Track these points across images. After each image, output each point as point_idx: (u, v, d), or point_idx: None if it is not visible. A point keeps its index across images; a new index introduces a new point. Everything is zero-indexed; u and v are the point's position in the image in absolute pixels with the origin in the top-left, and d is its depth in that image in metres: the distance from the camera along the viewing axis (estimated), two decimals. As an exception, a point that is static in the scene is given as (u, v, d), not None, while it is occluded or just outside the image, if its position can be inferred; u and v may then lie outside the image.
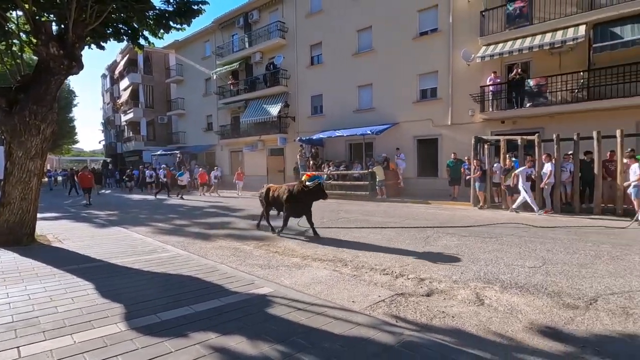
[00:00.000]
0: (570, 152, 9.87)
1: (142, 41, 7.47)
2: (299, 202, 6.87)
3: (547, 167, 9.69)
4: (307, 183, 6.62)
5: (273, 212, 8.07)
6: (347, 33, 17.90)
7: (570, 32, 11.28)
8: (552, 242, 6.16)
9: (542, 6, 12.30)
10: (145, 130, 31.72)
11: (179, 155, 25.61)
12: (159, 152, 28.50)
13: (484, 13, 13.37)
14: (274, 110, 20.45)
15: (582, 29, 11.09)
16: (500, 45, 12.74)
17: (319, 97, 19.61)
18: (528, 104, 12.40)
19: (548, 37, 11.71)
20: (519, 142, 10.64)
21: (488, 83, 13.31)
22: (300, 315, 3.02)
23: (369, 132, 15.58)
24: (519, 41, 12.37)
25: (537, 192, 10.02)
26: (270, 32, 21.13)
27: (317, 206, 7.43)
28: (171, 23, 7.07)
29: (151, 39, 7.51)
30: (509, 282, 4.10)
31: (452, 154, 13.35)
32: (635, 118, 10.95)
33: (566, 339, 2.79)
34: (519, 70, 12.68)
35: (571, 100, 11.73)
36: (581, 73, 11.61)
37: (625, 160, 8.87)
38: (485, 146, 11.66)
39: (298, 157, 18.22)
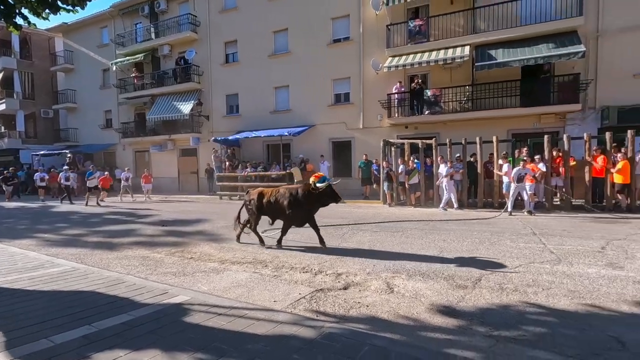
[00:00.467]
0: (459, 155, 11.42)
1: (19, 20, 6.33)
2: (303, 208, 5.87)
3: (442, 168, 11.05)
4: (318, 185, 5.67)
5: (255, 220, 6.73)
6: (263, 33, 17.79)
7: (458, 51, 13.05)
8: (447, 233, 7.07)
9: (437, 26, 13.99)
10: (23, 126, 26.67)
11: (69, 155, 22.16)
12: (42, 152, 24.27)
13: (389, 27, 14.62)
14: (186, 108, 19.23)
15: (467, 49, 12.93)
16: (404, 57, 14.09)
17: (235, 96, 19.09)
18: (426, 112, 13.96)
19: (442, 54, 13.36)
20: (420, 145, 11.93)
21: (394, 91, 14.61)
22: (221, 320, 2.94)
23: (286, 133, 15.73)
24: (419, 55, 13.84)
25: (434, 189, 11.37)
26: (181, 25, 19.81)
27: (236, 208, 7.24)
28: (60, 3, 6.14)
29: (32, 18, 6.41)
30: (414, 270, 4.59)
31: (364, 156, 14.29)
32: (507, 127, 13.17)
33: (459, 314, 3.25)
34: (419, 81, 14.20)
35: (460, 110, 13.59)
36: (467, 87, 13.53)
37: (500, 161, 10.63)
38: (392, 149, 12.77)
39: (212, 157, 17.45)
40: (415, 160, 11.92)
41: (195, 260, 5.47)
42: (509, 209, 9.65)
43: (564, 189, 10.15)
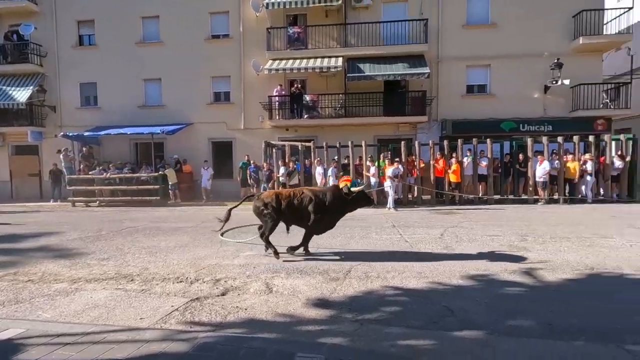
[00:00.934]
0: (335, 157, 12.39)
1: None
2: (330, 213, 5.38)
3: (319, 170, 11.80)
4: (352, 189, 5.33)
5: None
6: (129, 17, 15.77)
7: (333, 61, 14.14)
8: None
9: (314, 35, 14.85)
10: None
11: None
12: None
13: (269, 30, 14.82)
14: (22, 95, 15.57)
15: (340, 61, 14.12)
16: (284, 61, 14.49)
17: (93, 85, 16.41)
18: (306, 116, 14.68)
19: (318, 62, 14.25)
20: (300, 147, 12.47)
21: (274, 94, 14.87)
22: (69, 351, 2.49)
23: (159, 131, 14.29)
24: (298, 61, 14.44)
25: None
26: (13, -10, 15.95)
27: (93, 217, 6.23)
28: None
29: None
30: (292, 269, 4.77)
31: (246, 157, 14.11)
32: (374, 133, 14.89)
33: (331, 305, 3.53)
34: (299, 85, 14.82)
35: (335, 115, 14.74)
36: (340, 95, 14.78)
37: (368, 164, 11.96)
38: (274, 150, 12.99)
39: (62, 157, 14.58)
40: (296, 162, 12.41)
41: (35, 282, 4.48)
42: (391, 206, 10.86)
43: (417, 186, 12.09)
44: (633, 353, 2.38)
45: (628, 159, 11.59)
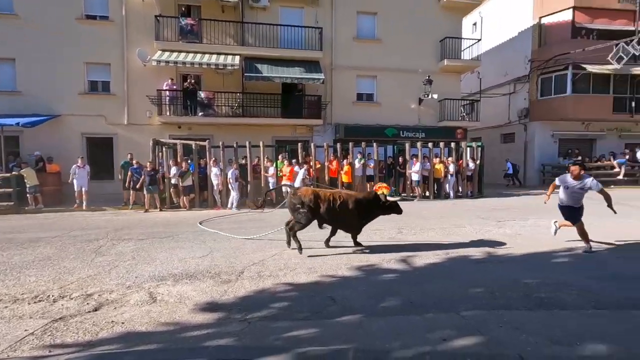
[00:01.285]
0: (232, 158, 12.09)
1: None
2: (364, 218, 5.75)
3: (215, 171, 11.36)
4: (389, 198, 5.69)
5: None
6: (-35, -22, 12.61)
7: (229, 59, 13.77)
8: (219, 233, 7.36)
9: (210, 30, 14.22)
10: None
11: None
12: None
13: (158, 18, 13.63)
14: None
15: (237, 59, 13.85)
16: (175, 54, 13.50)
17: None
18: (200, 113, 13.95)
19: (214, 59, 13.69)
20: (193, 146, 11.79)
21: (165, 88, 13.74)
22: None
23: (12, 123, 11.78)
24: (191, 55, 13.62)
25: (209, 190, 11.55)
26: None
27: None
28: None
29: None
30: (181, 275, 4.54)
31: (129, 155, 12.68)
32: (272, 133, 15.02)
33: (221, 308, 3.49)
34: (192, 81, 13.99)
35: (232, 114, 14.39)
36: (238, 94, 14.49)
37: (266, 164, 12.01)
38: (164, 149, 12.00)
39: None
40: (190, 162, 11.69)
41: None
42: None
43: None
44: (465, 317, 3.00)
45: (478, 162, 14.24)
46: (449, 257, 5.25)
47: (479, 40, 17.41)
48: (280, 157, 12.89)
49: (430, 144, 13.60)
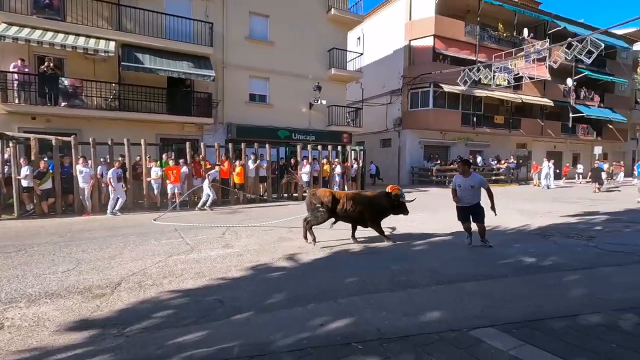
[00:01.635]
0: (106, 157, 10.68)
1: None
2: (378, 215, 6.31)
3: (84, 170, 9.91)
4: (401, 198, 6.28)
5: None
6: None
7: (102, 44, 12.11)
8: (88, 241, 6.49)
9: (76, 8, 12.25)
10: None
11: None
12: None
13: (2, -17, 11.13)
14: None
15: (112, 45, 12.28)
16: (28, 30, 11.23)
17: None
18: (63, 103, 11.92)
19: (82, 41, 11.85)
20: (54, 142, 10.02)
21: (12, 70, 11.30)
22: None
23: None
24: (50, 34, 11.52)
25: (75, 193, 9.98)
26: None
27: None
28: None
29: None
30: (39, 294, 3.91)
31: (-42, 151, 10.04)
32: (156, 131, 13.80)
33: (92, 325, 3.17)
34: (52, 64, 11.84)
35: (106, 107, 12.69)
36: (114, 84, 12.87)
37: (149, 165, 11.01)
38: (11, 144, 9.85)
39: None
40: (49, 160, 9.90)
41: None
42: (203, 206, 10.92)
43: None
44: (340, 304, 3.43)
45: (361, 164, 15.79)
46: (332, 252, 5.78)
47: (362, 54, 19.26)
48: (164, 156, 11.96)
49: (319, 147, 14.47)
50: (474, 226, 5.95)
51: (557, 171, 21.91)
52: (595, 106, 27.28)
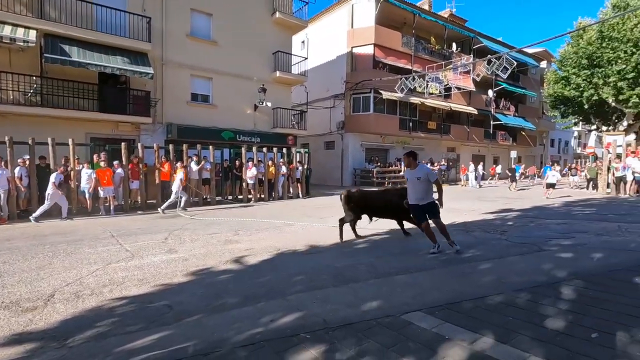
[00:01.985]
0: (26, 157, 9.66)
1: None
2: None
3: (3, 174, 8.89)
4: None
5: None
6: None
7: (20, 32, 10.92)
8: (9, 252, 5.90)
9: (-14, -11, 10.89)
10: None
11: None
12: None
13: None
14: None
15: (33, 34, 11.13)
16: None
17: None
18: (-29, 97, 10.51)
19: (-5, 28, 10.58)
20: (-40, 141, 8.82)
21: None
22: None
23: None
24: (-47, 17, 10.11)
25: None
26: None
27: None
28: None
29: None
30: (-45, 311, 3.55)
31: None
32: (86, 130, 12.77)
33: (28, 339, 3.00)
34: (-44, 52, 10.38)
35: (25, 102, 11.45)
36: (34, 78, 11.65)
37: (79, 166, 10.16)
38: None
39: None
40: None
41: None
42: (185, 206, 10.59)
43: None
44: (289, 300, 3.65)
45: (306, 166, 16.12)
46: (279, 253, 5.96)
47: (306, 58, 19.66)
48: (95, 157, 11.13)
49: (265, 149, 14.52)
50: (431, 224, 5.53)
51: (484, 173, 24.46)
52: (511, 115, 30.90)
